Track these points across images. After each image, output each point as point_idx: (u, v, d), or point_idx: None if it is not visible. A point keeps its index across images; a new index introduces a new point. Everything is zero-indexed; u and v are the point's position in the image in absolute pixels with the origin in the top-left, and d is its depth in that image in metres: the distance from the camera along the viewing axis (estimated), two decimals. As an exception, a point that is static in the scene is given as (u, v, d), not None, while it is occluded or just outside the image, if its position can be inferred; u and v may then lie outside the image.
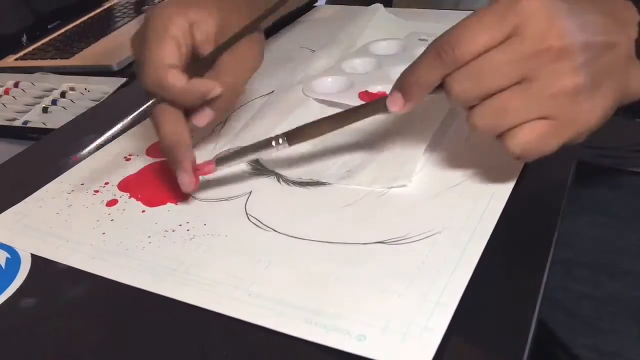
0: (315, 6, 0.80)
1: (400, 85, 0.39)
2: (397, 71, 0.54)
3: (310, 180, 0.44)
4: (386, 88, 0.52)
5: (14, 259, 0.39)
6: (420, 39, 0.62)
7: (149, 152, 0.50)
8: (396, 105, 0.39)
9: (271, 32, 0.72)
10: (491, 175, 0.41)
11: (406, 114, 0.40)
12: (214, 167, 0.42)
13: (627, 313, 0.63)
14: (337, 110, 0.52)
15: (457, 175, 0.42)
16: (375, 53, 0.61)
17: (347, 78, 0.56)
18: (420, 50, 0.41)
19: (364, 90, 0.53)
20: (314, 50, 0.66)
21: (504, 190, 0.40)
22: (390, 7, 0.79)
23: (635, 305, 0.62)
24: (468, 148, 0.45)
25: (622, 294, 0.63)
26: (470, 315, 0.31)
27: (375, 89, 0.54)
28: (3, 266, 0.39)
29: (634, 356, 0.62)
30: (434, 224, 0.37)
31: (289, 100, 0.54)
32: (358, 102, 0.52)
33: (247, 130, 0.50)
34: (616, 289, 0.63)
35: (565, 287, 0.65)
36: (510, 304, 0.32)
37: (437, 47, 0.36)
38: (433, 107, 0.47)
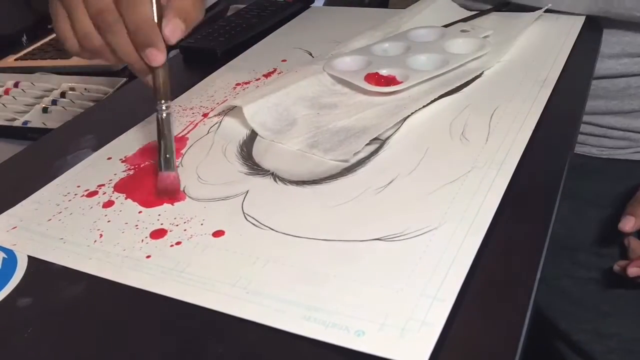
0: (312, 7, 0.80)
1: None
2: (415, 59, 0.56)
3: (299, 180, 0.44)
4: (392, 72, 0.54)
5: (10, 259, 0.39)
6: (462, 30, 0.61)
7: (145, 153, 0.50)
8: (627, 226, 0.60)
9: (267, 32, 0.72)
10: (487, 170, 0.41)
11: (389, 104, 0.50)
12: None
13: (631, 294, 0.63)
14: (342, 87, 0.55)
15: (453, 172, 0.42)
16: (411, 39, 0.60)
17: (365, 59, 0.57)
18: (455, 41, 0.55)
19: (374, 72, 0.54)
20: (307, 51, 0.65)
21: (500, 186, 0.40)
22: (387, 7, 0.79)
23: (638, 285, 0.62)
24: (463, 144, 0.45)
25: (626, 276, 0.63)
26: (468, 310, 0.31)
27: (384, 72, 0.54)
28: (0, 266, 0.39)
29: (633, 334, 0.63)
30: (430, 220, 0.37)
31: (304, 72, 0.56)
32: (363, 83, 0.53)
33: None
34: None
35: (571, 275, 0.65)
36: (506, 298, 0.32)
37: None
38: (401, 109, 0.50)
